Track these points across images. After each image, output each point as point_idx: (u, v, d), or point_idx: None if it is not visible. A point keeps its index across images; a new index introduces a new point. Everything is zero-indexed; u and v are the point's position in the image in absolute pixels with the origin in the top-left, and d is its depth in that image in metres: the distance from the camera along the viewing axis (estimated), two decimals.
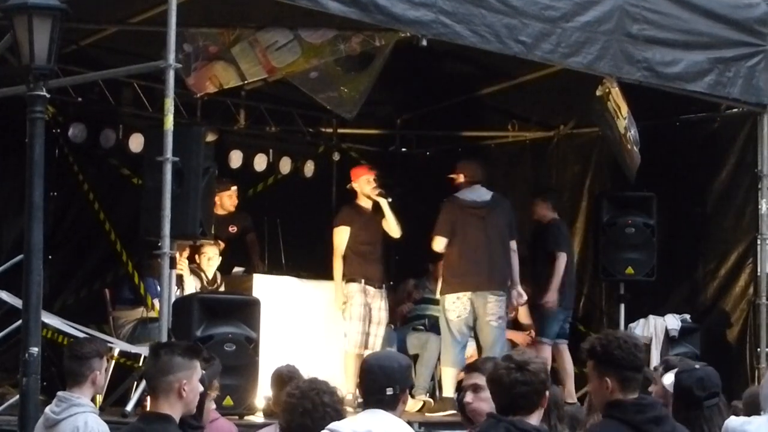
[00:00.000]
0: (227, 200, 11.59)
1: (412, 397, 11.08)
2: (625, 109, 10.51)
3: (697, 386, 5.82)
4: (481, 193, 10.77)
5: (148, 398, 5.56)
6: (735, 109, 11.84)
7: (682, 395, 5.84)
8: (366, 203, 10.92)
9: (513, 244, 10.77)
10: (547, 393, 4.99)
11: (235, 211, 11.66)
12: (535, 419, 4.89)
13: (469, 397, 5.60)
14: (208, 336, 8.75)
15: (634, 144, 10.71)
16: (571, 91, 11.50)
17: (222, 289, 10.94)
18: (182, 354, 5.14)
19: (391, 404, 5.57)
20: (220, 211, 11.58)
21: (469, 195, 10.75)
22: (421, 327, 11.55)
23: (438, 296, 10.96)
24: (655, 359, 11.26)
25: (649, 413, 4.87)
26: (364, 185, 10.88)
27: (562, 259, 11.26)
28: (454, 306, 10.54)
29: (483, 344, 10.58)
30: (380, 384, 5.58)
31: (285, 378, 7.09)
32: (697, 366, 6.14)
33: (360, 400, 5.65)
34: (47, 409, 6.31)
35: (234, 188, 11.61)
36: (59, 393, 6.32)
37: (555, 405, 5.81)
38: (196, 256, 11.02)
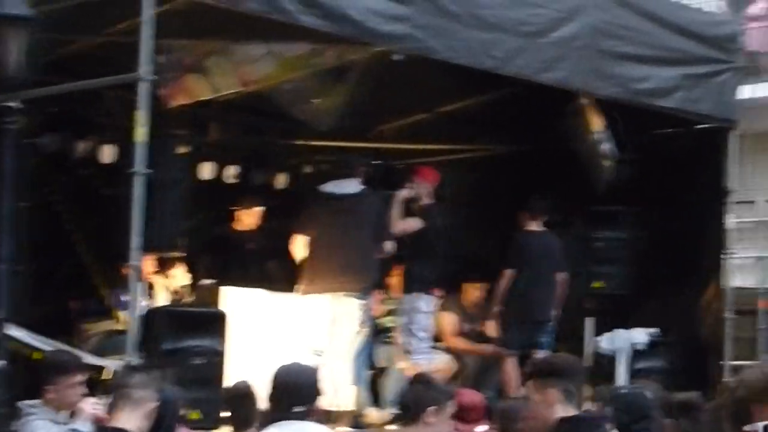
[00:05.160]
0: (246, 218, 11.65)
1: (382, 409, 11.09)
2: (598, 123, 10.57)
3: (623, 410, 5.89)
4: (344, 186, 10.25)
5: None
6: (705, 125, 11.91)
7: (613, 417, 5.90)
8: None
9: (387, 245, 10.16)
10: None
11: (257, 230, 11.74)
12: None
13: None
14: (176, 349, 8.72)
15: (608, 159, 10.76)
16: (543, 106, 11.52)
17: (188, 300, 10.92)
18: (157, 378, 5.20)
19: (302, 418, 5.59)
20: (238, 227, 11.64)
21: (331, 187, 10.24)
22: (390, 340, 11.54)
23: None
24: (621, 373, 11.34)
25: (602, 428, 4.91)
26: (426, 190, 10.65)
27: (504, 275, 11.34)
28: (318, 309, 9.98)
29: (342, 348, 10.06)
30: (290, 401, 5.60)
31: (239, 394, 7.07)
32: (624, 391, 6.18)
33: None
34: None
35: (258, 209, 11.73)
36: (18, 403, 6.30)
37: None
38: (166, 268, 11.00)
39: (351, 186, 10.12)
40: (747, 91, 12.34)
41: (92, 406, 6.34)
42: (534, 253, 11.40)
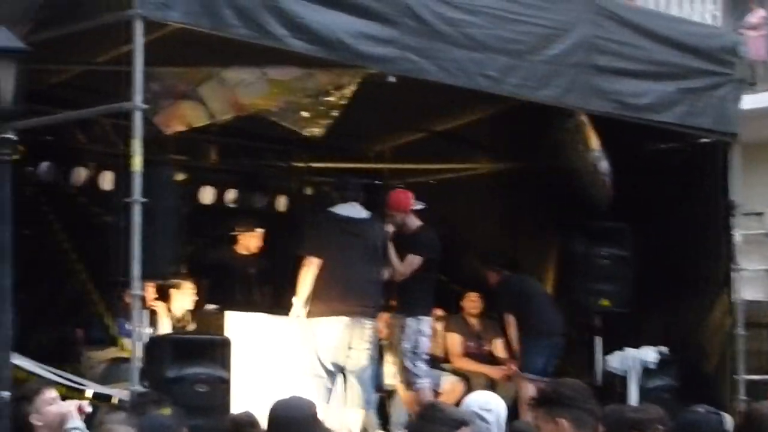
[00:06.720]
0: (251, 241, 11.68)
1: None
2: (595, 141, 10.55)
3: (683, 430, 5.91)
4: (356, 210, 10.19)
5: None
6: (706, 139, 11.86)
7: None
8: None
9: (386, 272, 10.21)
10: None
11: (258, 254, 11.73)
12: None
13: None
14: (179, 377, 8.69)
15: (606, 175, 10.75)
16: (540, 123, 11.51)
17: (191, 327, 10.91)
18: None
19: None
20: (243, 252, 11.64)
21: (345, 210, 10.17)
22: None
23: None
24: (633, 392, 11.26)
25: None
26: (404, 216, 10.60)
27: (508, 321, 11.35)
28: (327, 332, 9.86)
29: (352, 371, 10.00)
30: None
31: (242, 424, 7.04)
32: (701, 409, 6.20)
33: None
34: None
35: (259, 230, 11.73)
36: None
37: None
38: (169, 295, 11.01)
39: (361, 210, 10.12)
40: (748, 101, 12.26)
41: (73, 404, 6.35)
42: (527, 291, 11.52)
